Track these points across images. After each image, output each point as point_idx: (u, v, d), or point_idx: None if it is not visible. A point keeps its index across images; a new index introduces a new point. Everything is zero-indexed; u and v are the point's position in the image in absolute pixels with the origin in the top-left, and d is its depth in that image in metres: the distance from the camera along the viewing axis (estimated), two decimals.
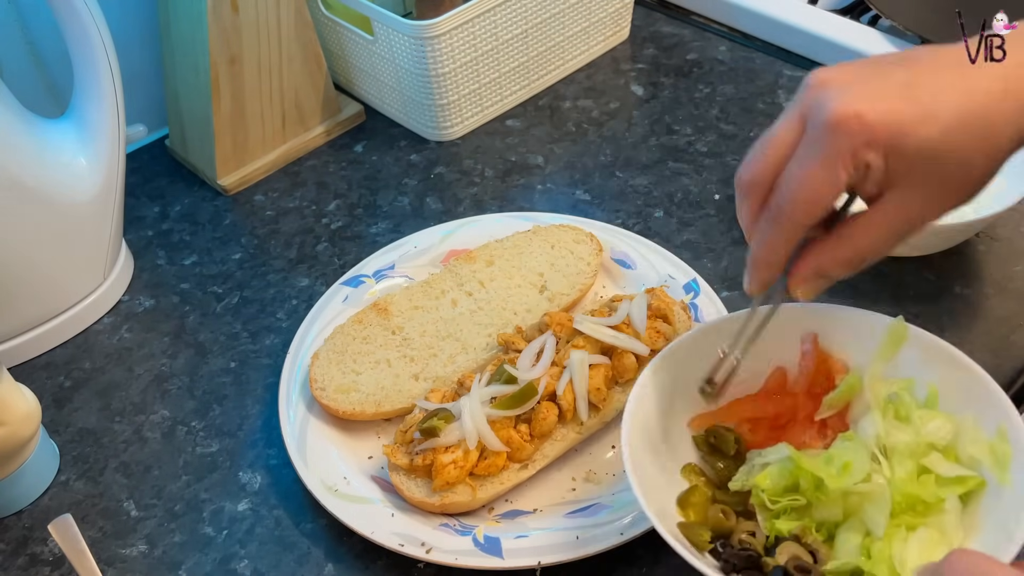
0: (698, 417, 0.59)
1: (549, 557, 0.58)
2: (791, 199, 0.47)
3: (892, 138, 0.45)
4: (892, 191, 0.47)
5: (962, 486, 0.50)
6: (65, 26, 0.73)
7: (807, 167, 0.46)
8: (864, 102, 0.45)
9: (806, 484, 0.52)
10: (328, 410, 0.67)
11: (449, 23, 0.85)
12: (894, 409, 0.54)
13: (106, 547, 0.63)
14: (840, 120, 0.45)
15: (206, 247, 0.85)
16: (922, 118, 0.45)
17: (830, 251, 0.49)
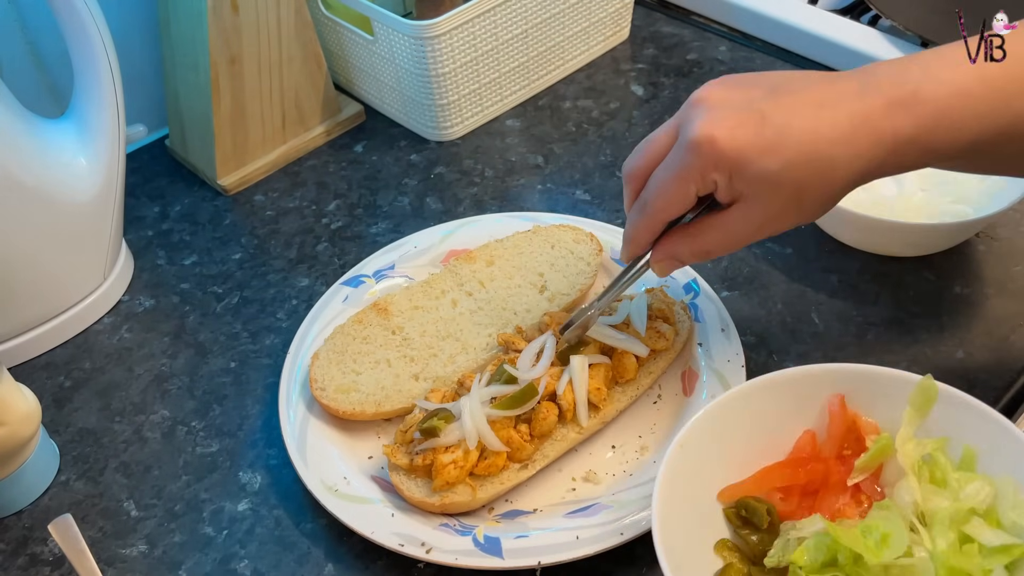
0: (728, 488, 0.57)
1: (549, 557, 0.58)
2: (652, 199, 0.56)
3: (736, 164, 0.52)
4: (738, 204, 0.54)
5: (1007, 555, 0.49)
6: (65, 26, 0.73)
7: (666, 176, 0.55)
8: (721, 128, 0.52)
9: (844, 559, 0.50)
10: (328, 410, 0.67)
11: (449, 23, 0.85)
12: (929, 472, 0.53)
13: (106, 547, 0.63)
14: (697, 142, 0.52)
15: (206, 247, 0.85)
16: (765, 149, 0.52)
17: (682, 242, 0.58)
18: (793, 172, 0.52)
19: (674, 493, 0.54)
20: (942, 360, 0.68)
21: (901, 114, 0.52)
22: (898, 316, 0.72)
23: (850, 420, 0.57)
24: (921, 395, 0.55)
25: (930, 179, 0.77)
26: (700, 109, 0.53)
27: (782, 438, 0.58)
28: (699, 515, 0.56)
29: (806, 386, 0.57)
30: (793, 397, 0.57)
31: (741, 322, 0.70)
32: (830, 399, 0.58)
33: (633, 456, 0.65)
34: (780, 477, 0.57)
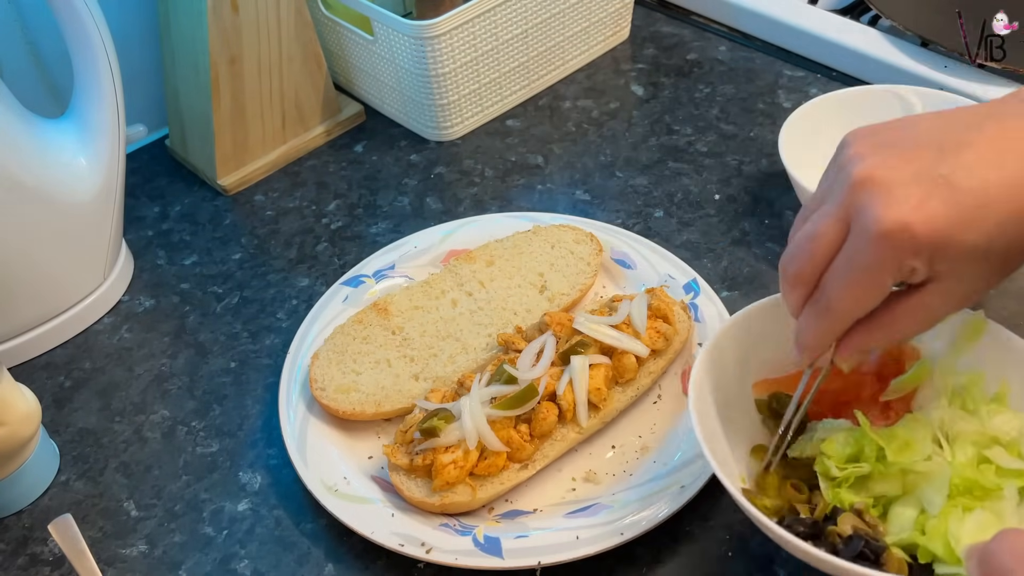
0: (763, 381, 0.59)
1: (549, 557, 0.58)
2: (837, 300, 0.49)
3: (937, 245, 0.46)
4: (935, 283, 0.48)
5: (1021, 479, 0.50)
6: (65, 26, 0.73)
7: (853, 275, 0.48)
8: (909, 211, 0.45)
9: (869, 452, 0.52)
10: (328, 410, 0.67)
11: (449, 23, 0.85)
12: (961, 400, 0.54)
13: (106, 547, 0.63)
14: (887, 232, 0.45)
15: (206, 247, 0.85)
16: (967, 224, 0.45)
17: (874, 332, 0.51)
18: (1003, 238, 0.46)
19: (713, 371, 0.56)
20: None
21: None
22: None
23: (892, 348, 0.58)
24: (969, 327, 0.56)
25: None
26: (872, 192, 0.46)
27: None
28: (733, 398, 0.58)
29: None
30: None
31: None
32: None
33: (633, 456, 0.65)
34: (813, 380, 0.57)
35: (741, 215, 0.82)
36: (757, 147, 0.89)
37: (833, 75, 0.95)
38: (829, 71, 0.96)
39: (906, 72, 0.89)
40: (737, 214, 0.82)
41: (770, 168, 0.86)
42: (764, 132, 0.90)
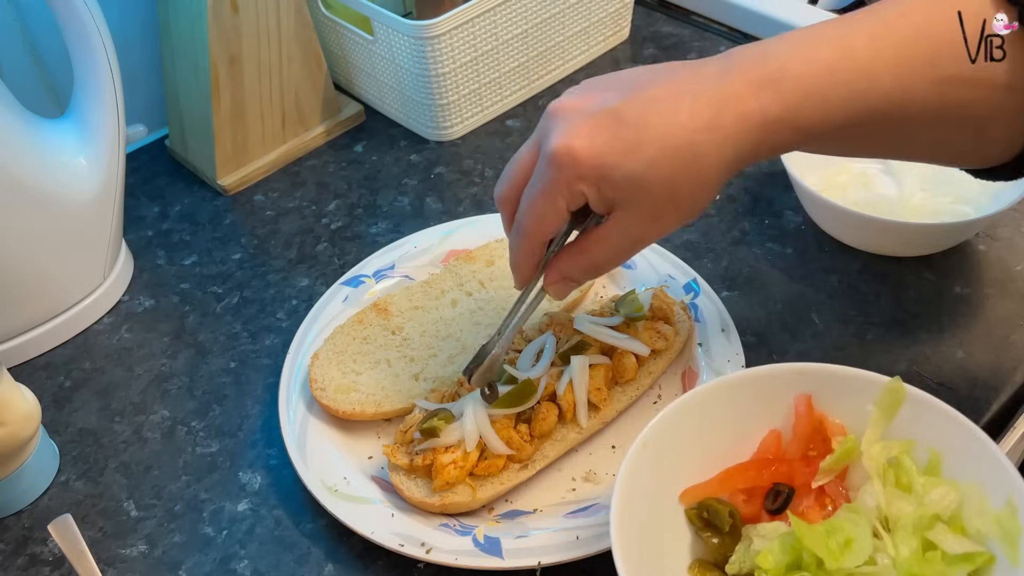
0: (690, 490, 0.56)
1: (549, 557, 0.58)
2: (525, 221, 0.54)
3: (600, 170, 0.50)
4: (615, 212, 0.52)
5: (970, 564, 0.48)
6: (65, 26, 0.73)
7: (534, 195, 0.53)
8: (577, 137, 0.50)
9: (808, 561, 0.50)
10: (328, 410, 0.67)
11: (449, 23, 0.85)
12: (895, 475, 0.52)
13: (106, 547, 0.63)
14: (556, 154, 0.50)
15: (206, 247, 0.85)
16: (625, 151, 0.49)
17: (571, 260, 0.56)
18: (659, 169, 0.49)
19: (635, 493, 0.53)
20: (942, 360, 0.68)
21: (767, 93, 0.49)
22: (898, 316, 0.72)
23: (816, 420, 0.56)
24: (888, 397, 0.54)
25: (930, 179, 0.77)
26: (556, 120, 0.52)
27: (747, 438, 0.57)
28: (661, 517, 0.55)
29: (772, 385, 0.56)
30: (759, 396, 0.56)
31: (741, 322, 0.70)
32: (796, 399, 0.57)
33: None
34: (744, 478, 0.56)
35: (741, 215, 0.82)
36: None
37: None
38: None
39: None
40: (737, 214, 0.82)
41: (770, 168, 0.86)
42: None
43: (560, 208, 0.52)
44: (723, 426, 0.56)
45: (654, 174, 0.50)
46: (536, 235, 0.54)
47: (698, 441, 0.56)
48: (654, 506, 0.54)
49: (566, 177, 0.51)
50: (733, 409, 0.56)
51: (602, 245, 0.54)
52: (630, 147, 0.49)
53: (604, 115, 0.50)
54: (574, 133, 0.50)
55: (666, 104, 0.50)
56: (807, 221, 0.80)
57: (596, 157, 0.50)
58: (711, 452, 0.56)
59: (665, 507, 0.55)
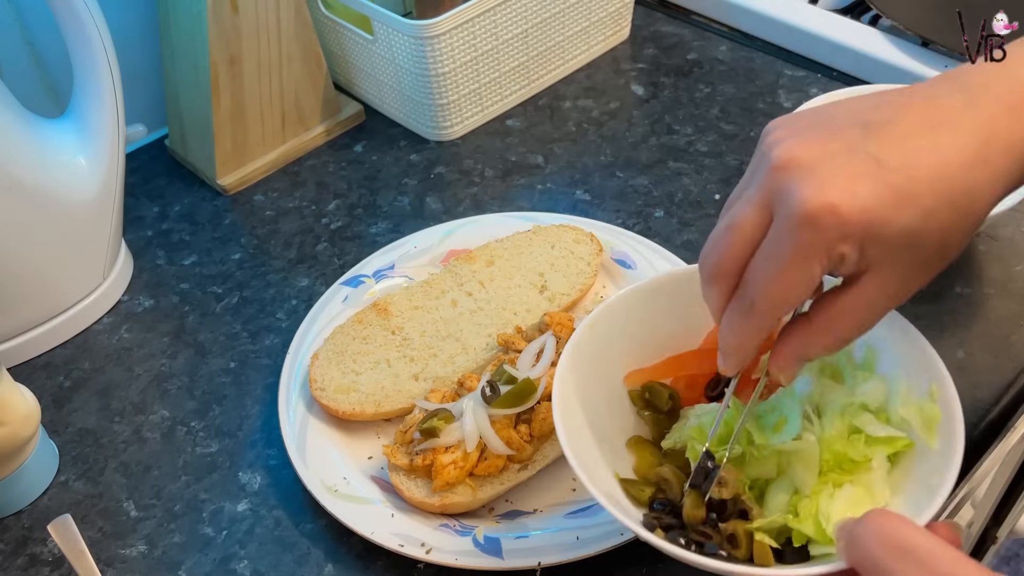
0: (634, 372, 0.58)
1: (549, 557, 0.57)
2: (763, 296, 0.45)
3: (868, 228, 0.42)
4: (870, 274, 0.45)
5: (890, 446, 0.50)
6: (65, 26, 0.73)
7: (779, 265, 0.43)
8: (836, 191, 0.42)
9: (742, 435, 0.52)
10: (328, 410, 0.67)
11: (449, 23, 0.85)
12: (832, 369, 0.54)
13: (106, 547, 0.63)
14: (812, 215, 0.42)
15: (206, 247, 0.85)
16: (899, 203, 0.42)
17: (811, 338, 0.47)
18: (937, 218, 0.43)
19: (581, 369, 0.55)
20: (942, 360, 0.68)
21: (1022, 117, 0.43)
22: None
23: None
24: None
25: None
26: (795, 173, 0.43)
27: (694, 330, 0.58)
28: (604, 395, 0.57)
29: None
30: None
31: None
32: None
33: None
34: (687, 365, 0.58)
35: None
36: None
37: (833, 75, 0.95)
38: (829, 71, 0.96)
39: (906, 72, 0.89)
40: None
41: None
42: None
43: (815, 277, 0.43)
44: (672, 316, 0.57)
45: (931, 224, 0.43)
46: (776, 311, 0.45)
47: (646, 328, 0.58)
48: (598, 384, 0.56)
49: (826, 240, 0.42)
50: (683, 301, 0.57)
51: (852, 315, 0.46)
52: (903, 196, 0.42)
53: (861, 162, 0.42)
54: (830, 186, 0.42)
55: (927, 142, 0.43)
56: None
57: (863, 212, 0.42)
58: (658, 340, 0.58)
59: (609, 387, 0.58)
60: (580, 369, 0.55)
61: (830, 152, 0.43)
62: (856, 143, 0.43)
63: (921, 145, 0.43)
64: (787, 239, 0.43)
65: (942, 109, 0.44)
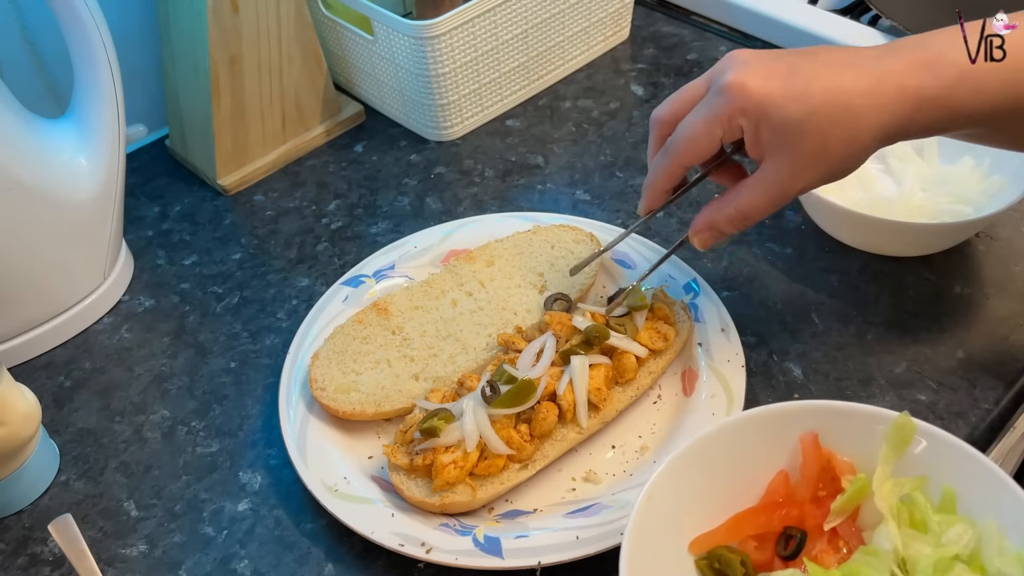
0: (699, 539, 0.54)
1: (549, 557, 0.58)
2: (677, 139, 0.58)
3: (762, 108, 0.54)
4: (767, 160, 0.56)
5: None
6: (65, 26, 0.73)
7: (694, 118, 0.57)
8: (751, 77, 0.55)
9: None
10: (328, 410, 0.67)
11: (449, 23, 0.85)
12: (909, 514, 0.51)
13: (106, 547, 0.63)
14: (727, 86, 0.55)
15: (206, 247, 0.85)
16: (792, 97, 0.54)
17: (718, 208, 0.59)
18: (817, 119, 0.53)
19: (644, 547, 0.50)
20: (942, 360, 0.68)
21: (924, 73, 0.53)
22: (898, 316, 0.72)
23: (824, 459, 0.54)
24: (897, 432, 0.52)
25: (930, 179, 0.77)
26: (733, 62, 0.56)
27: (754, 481, 0.55)
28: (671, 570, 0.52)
29: (777, 425, 0.54)
30: (764, 437, 0.54)
31: (741, 322, 0.70)
32: (803, 438, 0.54)
33: (633, 456, 0.65)
34: (753, 524, 0.54)
35: None
36: None
37: None
38: None
39: None
40: None
41: None
42: None
43: (715, 135, 0.56)
44: (729, 471, 0.54)
45: (812, 122, 0.53)
46: (683, 157, 0.58)
47: (704, 488, 0.54)
48: (663, 559, 0.52)
49: (731, 107, 0.55)
50: (737, 452, 0.54)
51: (750, 192, 0.57)
52: (796, 94, 0.54)
53: (781, 66, 0.55)
54: (751, 72, 0.55)
55: (834, 69, 0.55)
56: (807, 221, 0.80)
57: (764, 95, 0.54)
58: (718, 498, 0.54)
59: (675, 559, 0.53)
60: (643, 548, 0.51)
61: (765, 58, 0.56)
62: (788, 58, 0.56)
63: (829, 69, 0.55)
64: (706, 102, 0.57)
65: (861, 56, 0.55)
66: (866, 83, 0.54)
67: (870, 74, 0.54)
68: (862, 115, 0.54)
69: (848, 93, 0.54)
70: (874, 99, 0.53)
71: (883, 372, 0.68)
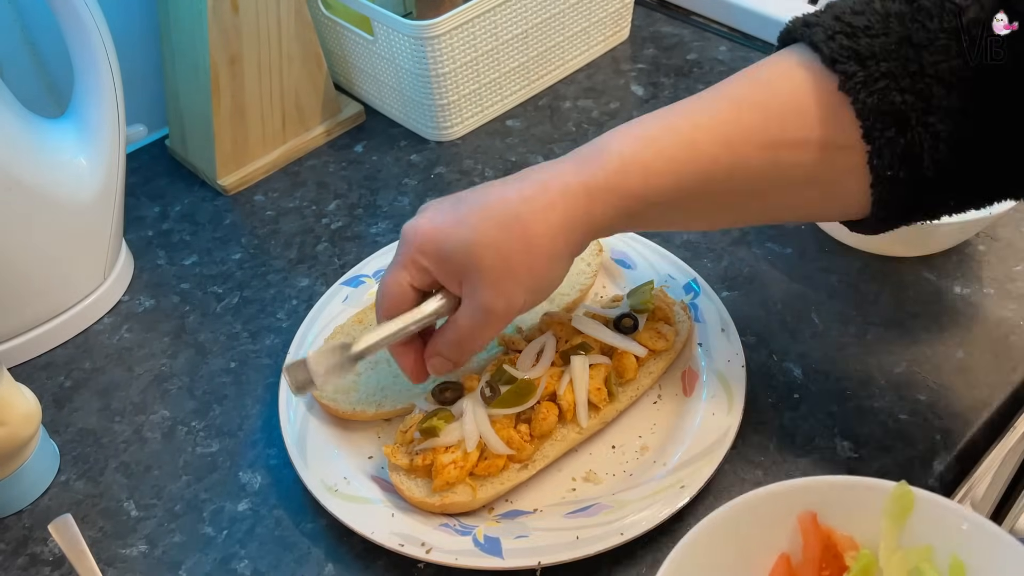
0: None
1: (549, 557, 0.58)
2: (378, 297, 0.60)
3: (434, 242, 0.56)
4: (463, 288, 0.57)
5: None
6: (65, 26, 0.73)
7: (387, 271, 0.59)
8: (422, 219, 0.57)
9: None
10: (328, 410, 0.67)
11: (449, 23, 0.85)
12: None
13: (106, 547, 0.63)
14: (404, 233, 0.57)
15: (206, 247, 0.85)
16: (458, 222, 0.55)
17: (439, 337, 0.60)
18: (487, 235, 0.54)
19: None
20: (942, 360, 0.68)
21: (589, 167, 0.54)
22: (898, 316, 0.72)
23: (825, 537, 0.52)
24: (896, 504, 0.50)
25: None
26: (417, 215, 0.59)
27: (756, 568, 0.52)
28: None
29: (772, 508, 0.52)
30: (760, 522, 0.52)
31: (741, 322, 0.70)
32: (800, 517, 0.52)
33: (633, 456, 0.65)
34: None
35: None
36: None
37: None
38: None
39: None
40: None
41: None
42: None
43: (404, 281, 0.58)
44: (728, 561, 0.52)
45: (481, 239, 0.54)
46: (386, 308, 0.59)
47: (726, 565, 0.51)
48: None
49: (409, 251, 0.57)
50: (735, 541, 0.52)
51: (459, 320, 0.58)
52: (461, 218, 0.55)
53: (448, 201, 0.58)
54: (424, 215, 0.58)
55: (501, 188, 0.56)
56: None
57: (432, 230, 0.56)
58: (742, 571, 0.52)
59: None
60: None
61: (440, 200, 0.59)
62: (459, 196, 0.58)
63: (495, 190, 0.56)
64: (394, 253, 0.58)
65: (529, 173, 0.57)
66: (530, 191, 0.55)
67: (535, 183, 0.55)
68: (530, 221, 0.54)
69: (513, 203, 0.54)
70: (539, 202, 0.54)
71: (883, 372, 0.68)
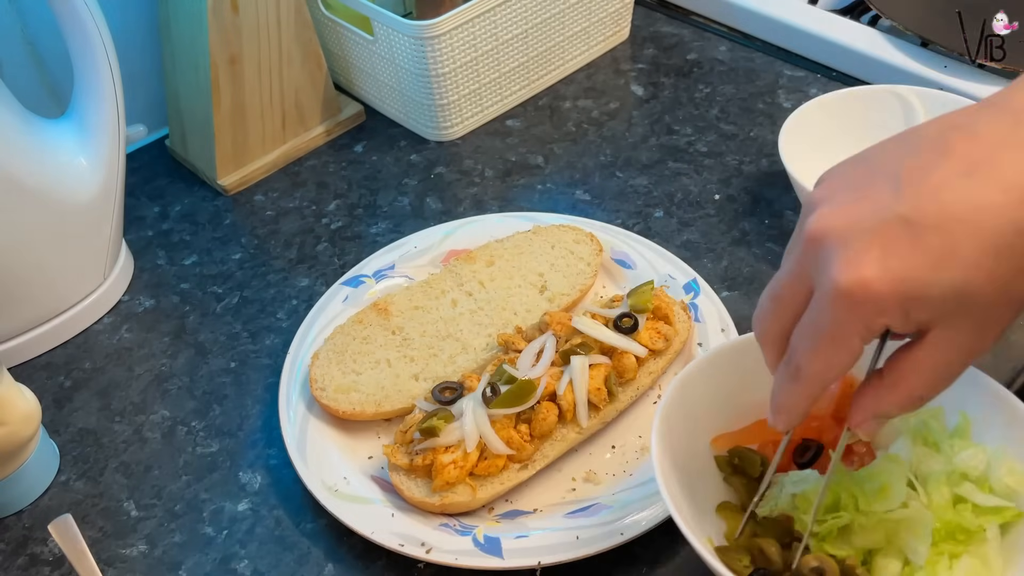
0: (721, 436, 0.57)
1: (549, 557, 0.58)
2: (807, 364, 0.44)
3: (907, 297, 0.41)
4: (933, 331, 0.42)
5: (999, 516, 0.49)
6: (65, 26, 0.73)
7: (818, 339, 0.43)
8: (867, 266, 0.41)
9: (847, 501, 0.50)
10: (328, 410, 0.67)
11: (449, 23, 0.85)
12: (923, 437, 0.53)
13: (106, 547, 0.63)
14: (846, 292, 0.41)
15: (206, 247, 0.85)
16: (938, 264, 0.40)
17: (883, 395, 0.46)
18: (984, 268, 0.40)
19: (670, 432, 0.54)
20: None
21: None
22: None
23: (848, 381, 0.56)
24: None
25: None
26: (827, 247, 0.42)
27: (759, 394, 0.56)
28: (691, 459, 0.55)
29: None
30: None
31: (741, 322, 0.70)
32: None
33: (633, 456, 0.65)
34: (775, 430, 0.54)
35: (741, 215, 0.82)
36: (757, 147, 0.89)
37: (833, 75, 0.95)
38: (829, 71, 0.96)
39: (906, 72, 0.89)
40: (737, 214, 0.82)
41: (770, 168, 0.86)
42: (764, 132, 0.90)
43: (855, 349, 0.43)
44: (758, 378, 0.53)
45: (980, 277, 0.40)
46: (819, 380, 0.45)
47: (732, 390, 0.57)
48: (686, 448, 0.55)
49: (862, 316, 0.42)
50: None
51: (923, 371, 0.44)
52: (940, 257, 0.40)
53: (890, 225, 0.41)
54: (861, 260, 0.41)
55: (964, 190, 0.40)
56: None
57: (898, 283, 0.40)
58: (744, 402, 0.57)
59: (696, 450, 0.57)
60: (671, 432, 0.54)
61: (860, 219, 0.42)
62: (887, 204, 0.41)
63: (958, 195, 0.40)
64: (824, 315, 0.42)
65: (982, 145, 0.41)
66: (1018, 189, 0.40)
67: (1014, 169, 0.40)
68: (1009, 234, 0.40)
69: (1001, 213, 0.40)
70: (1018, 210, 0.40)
71: None
